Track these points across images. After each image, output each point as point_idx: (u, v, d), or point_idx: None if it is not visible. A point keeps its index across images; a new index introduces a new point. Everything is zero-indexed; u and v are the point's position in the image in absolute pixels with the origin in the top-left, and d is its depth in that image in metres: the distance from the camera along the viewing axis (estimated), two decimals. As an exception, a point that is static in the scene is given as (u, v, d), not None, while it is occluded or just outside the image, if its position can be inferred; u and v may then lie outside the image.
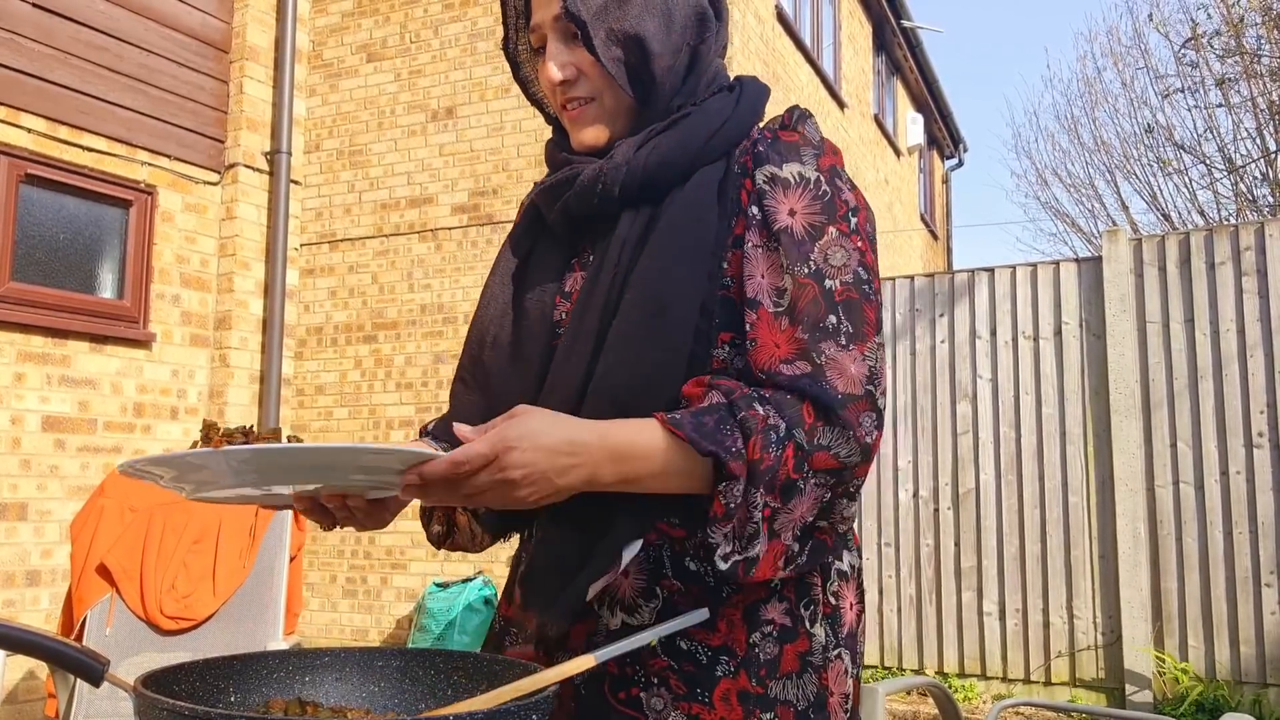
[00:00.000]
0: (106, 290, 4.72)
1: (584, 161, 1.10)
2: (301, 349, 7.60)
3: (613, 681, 1.01)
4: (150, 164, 4.84)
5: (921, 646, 5.60)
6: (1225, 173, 12.15)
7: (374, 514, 1.00)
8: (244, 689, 0.88)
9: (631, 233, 1.06)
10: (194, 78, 5.06)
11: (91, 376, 4.55)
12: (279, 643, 3.25)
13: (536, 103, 1.23)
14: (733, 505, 0.91)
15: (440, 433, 1.18)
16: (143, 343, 4.75)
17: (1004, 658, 5.40)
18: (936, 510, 5.61)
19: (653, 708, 0.99)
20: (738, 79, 1.15)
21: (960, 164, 15.97)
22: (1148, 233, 9.29)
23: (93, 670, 0.89)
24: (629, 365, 1.00)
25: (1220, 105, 11.36)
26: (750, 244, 1.03)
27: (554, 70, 1.10)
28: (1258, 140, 11.57)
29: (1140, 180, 13.50)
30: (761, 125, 1.12)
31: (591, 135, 1.11)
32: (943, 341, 5.70)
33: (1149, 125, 13.03)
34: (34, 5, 4.43)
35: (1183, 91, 11.91)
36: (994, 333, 5.59)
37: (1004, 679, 5.39)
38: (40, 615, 4.30)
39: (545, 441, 0.89)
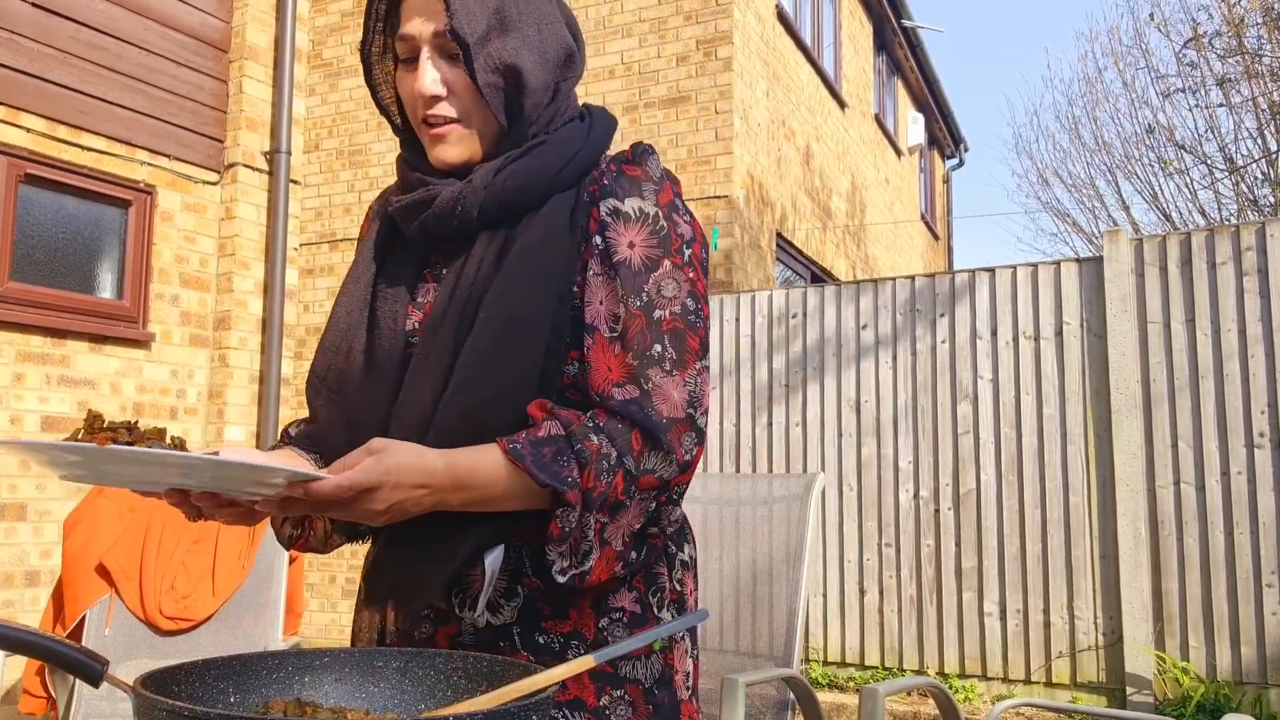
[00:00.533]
0: (106, 290, 4.72)
1: (440, 183, 1.14)
2: (301, 349, 7.60)
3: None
4: (150, 164, 4.83)
5: (922, 647, 5.59)
6: (1226, 173, 12.15)
7: (243, 515, 1.04)
8: (243, 689, 0.87)
9: (488, 253, 1.11)
10: (193, 77, 5.06)
11: (91, 376, 4.54)
12: (278, 643, 3.25)
13: (384, 110, 1.24)
14: (568, 529, 0.99)
15: (303, 439, 1.22)
16: (142, 343, 4.75)
17: (1005, 658, 5.40)
18: (937, 510, 5.61)
19: None
20: (587, 108, 1.22)
21: (961, 164, 15.97)
22: (1149, 233, 9.29)
23: (92, 670, 0.89)
24: (482, 380, 1.06)
25: (1221, 105, 11.36)
26: (592, 271, 1.11)
27: (429, 85, 1.11)
28: (1259, 140, 11.58)
29: (1141, 180, 13.50)
30: (609, 156, 1.19)
31: (453, 155, 1.14)
32: (943, 342, 5.70)
33: (1150, 125, 13.04)
34: (33, 5, 4.43)
35: (1184, 91, 11.91)
36: (994, 333, 5.58)
37: (1004, 679, 5.39)
38: (39, 615, 4.30)
39: (406, 479, 0.96)
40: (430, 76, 1.11)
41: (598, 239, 1.12)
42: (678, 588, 1.18)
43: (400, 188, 1.19)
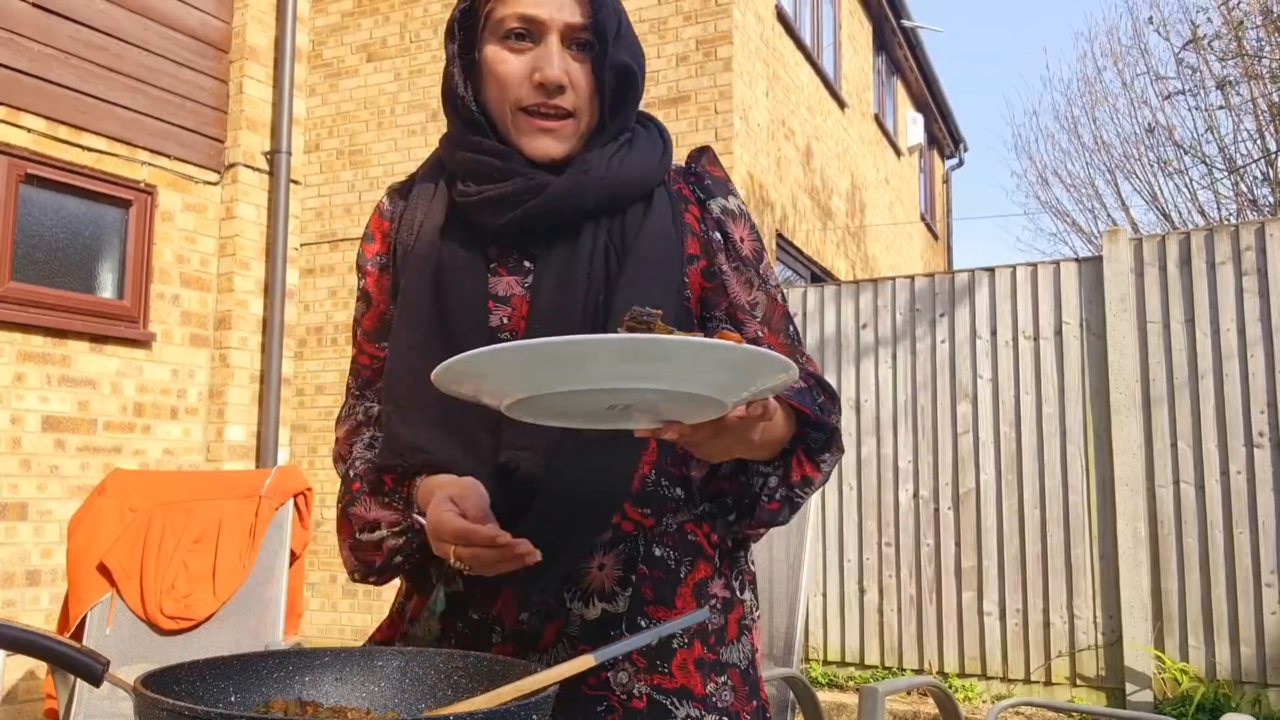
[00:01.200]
0: (106, 290, 4.72)
1: (538, 174, 1.11)
2: (301, 349, 7.60)
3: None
4: (150, 164, 4.83)
5: (921, 646, 5.60)
6: (1226, 173, 12.15)
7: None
8: (244, 689, 0.88)
9: (597, 244, 1.11)
10: (194, 77, 5.06)
11: (91, 376, 4.55)
12: (279, 643, 3.25)
13: (452, 87, 1.16)
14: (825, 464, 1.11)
15: (382, 459, 1.13)
16: (142, 342, 4.75)
17: (1004, 658, 5.40)
18: (937, 510, 5.61)
19: (619, 681, 1.07)
20: (643, 116, 1.23)
21: (960, 164, 15.97)
22: (1148, 232, 9.29)
23: (92, 670, 0.89)
24: None
25: (1221, 107, 11.36)
26: (723, 267, 1.17)
27: (559, 73, 1.09)
28: (1258, 141, 11.57)
29: (1140, 180, 13.50)
30: (685, 160, 1.24)
31: (559, 150, 1.12)
32: (943, 341, 5.70)
33: (1150, 125, 13.03)
34: (34, 5, 4.43)
35: (1183, 94, 11.91)
36: (994, 333, 5.59)
37: (1004, 679, 5.39)
38: (40, 615, 4.30)
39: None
40: (562, 65, 1.10)
41: (715, 234, 1.18)
42: (751, 568, 1.22)
43: (477, 176, 1.13)
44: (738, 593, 1.17)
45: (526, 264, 1.15)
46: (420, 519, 1.08)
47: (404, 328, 1.14)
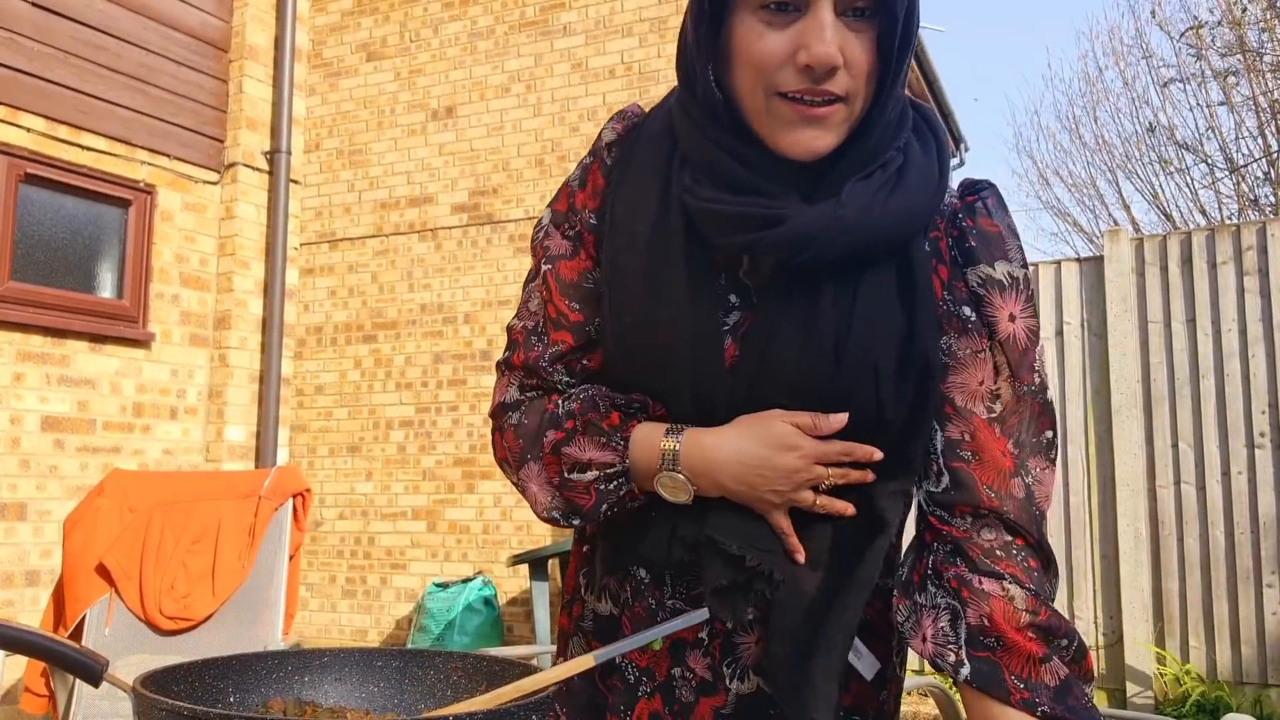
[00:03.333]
0: (106, 290, 4.71)
1: (787, 204, 0.90)
2: (301, 349, 7.60)
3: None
4: (149, 163, 4.83)
5: (922, 646, 5.59)
6: (1227, 172, 12.15)
7: None
8: (243, 689, 0.87)
9: (840, 307, 0.92)
10: (193, 77, 5.06)
11: (91, 376, 4.54)
12: (278, 643, 3.24)
13: (690, 73, 0.94)
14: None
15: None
16: (142, 342, 4.75)
17: (1005, 658, 5.40)
18: (937, 510, 5.61)
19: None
20: (916, 111, 0.98)
21: (961, 163, 15.97)
22: (1149, 232, 9.29)
23: (92, 670, 0.88)
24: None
25: (1222, 104, 11.36)
26: (968, 350, 0.95)
27: (831, 49, 0.85)
28: (1259, 140, 11.58)
29: (1142, 179, 13.50)
30: (952, 199, 0.98)
31: (826, 144, 0.89)
32: (943, 341, 5.70)
33: (1151, 124, 13.04)
34: (33, 4, 4.43)
35: (1181, 82, 11.89)
36: (995, 332, 5.58)
37: (1005, 679, 5.39)
38: (39, 615, 4.30)
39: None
40: (836, 39, 0.85)
41: (967, 309, 0.95)
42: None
43: (713, 177, 0.93)
44: (896, 668, 1.05)
45: (733, 298, 0.96)
46: (674, 441, 0.94)
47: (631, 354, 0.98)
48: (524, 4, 6.90)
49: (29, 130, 4.38)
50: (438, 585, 6.06)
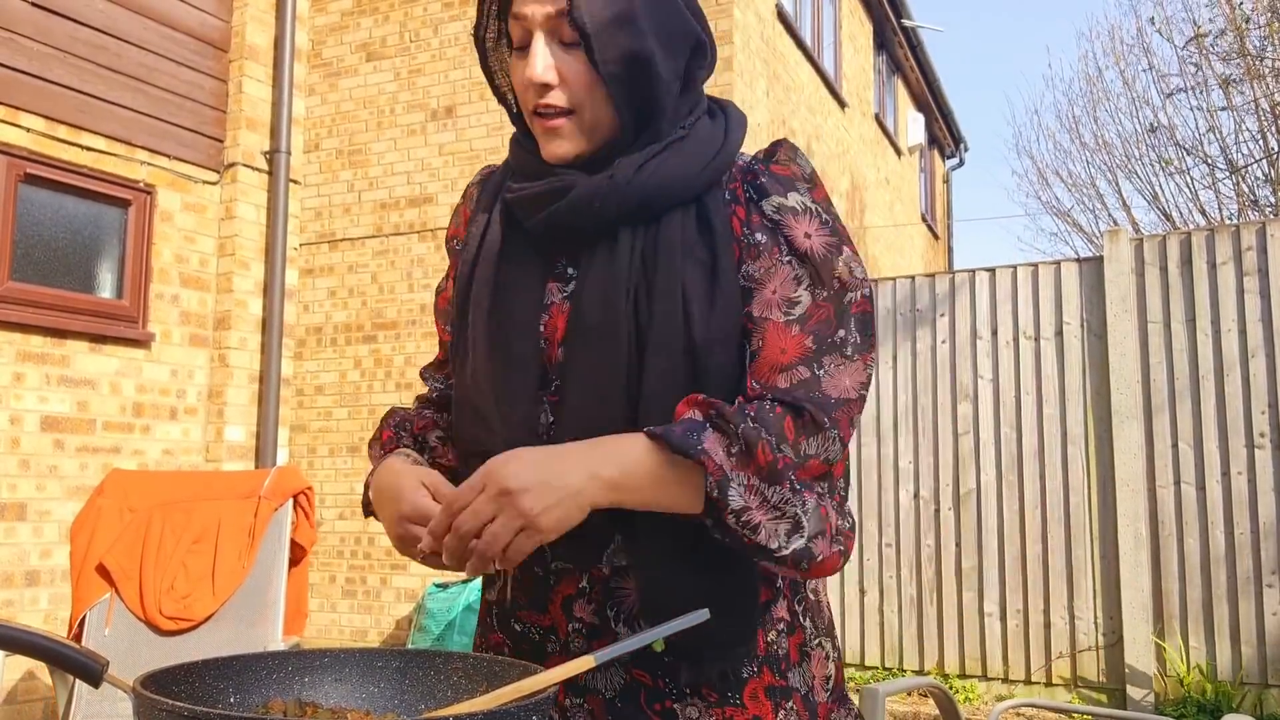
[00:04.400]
0: (105, 290, 4.71)
1: (572, 174, 1.08)
2: (301, 349, 7.60)
3: (648, 694, 1.05)
4: (149, 163, 4.83)
5: (922, 647, 5.59)
6: (1227, 173, 12.15)
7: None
8: (243, 689, 0.87)
9: (634, 256, 1.06)
10: (193, 77, 5.06)
11: (90, 376, 4.54)
12: (278, 643, 3.24)
13: (501, 98, 1.19)
14: (725, 501, 0.94)
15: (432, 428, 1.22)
16: (142, 342, 4.75)
17: (1005, 658, 5.40)
18: (937, 510, 5.61)
19: (689, 717, 1.04)
20: (716, 103, 1.17)
21: (961, 163, 15.97)
22: (1149, 232, 9.29)
23: (92, 670, 0.88)
24: (673, 401, 1.02)
25: (1224, 108, 11.37)
26: (763, 269, 1.07)
27: (540, 72, 1.05)
28: (1260, 141, 11.58)
29: (1142, 180, 13.51)
30: (750, 156, 1.15)
31: (565, 149, 1.08)
32: (943, 341, 5.69)
33: (1152, 125, 13.04)
34: (33, 4, 4.42)
35: (1185, 91, 11.91)
36: (995, 333, 5.58)
37: (1005, 680, 5.39)
38: (39, 615, 4.30)
39: (530, 455, 0.94)
40: (542, 63, 1.05)
41: (760, 235, 1.08)
42: (813, 596, 1.15)
43: (520, 174, 1.13)
44: (800, 618, 1.11)
45: (571, 270, 1.11)
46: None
47: (471, 338, 1.13)
48: (524, 4, 6.90)
49: (29, 130, 4.38)
50: (438, 585, 6.06)
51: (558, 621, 1.08)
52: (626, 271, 1.05)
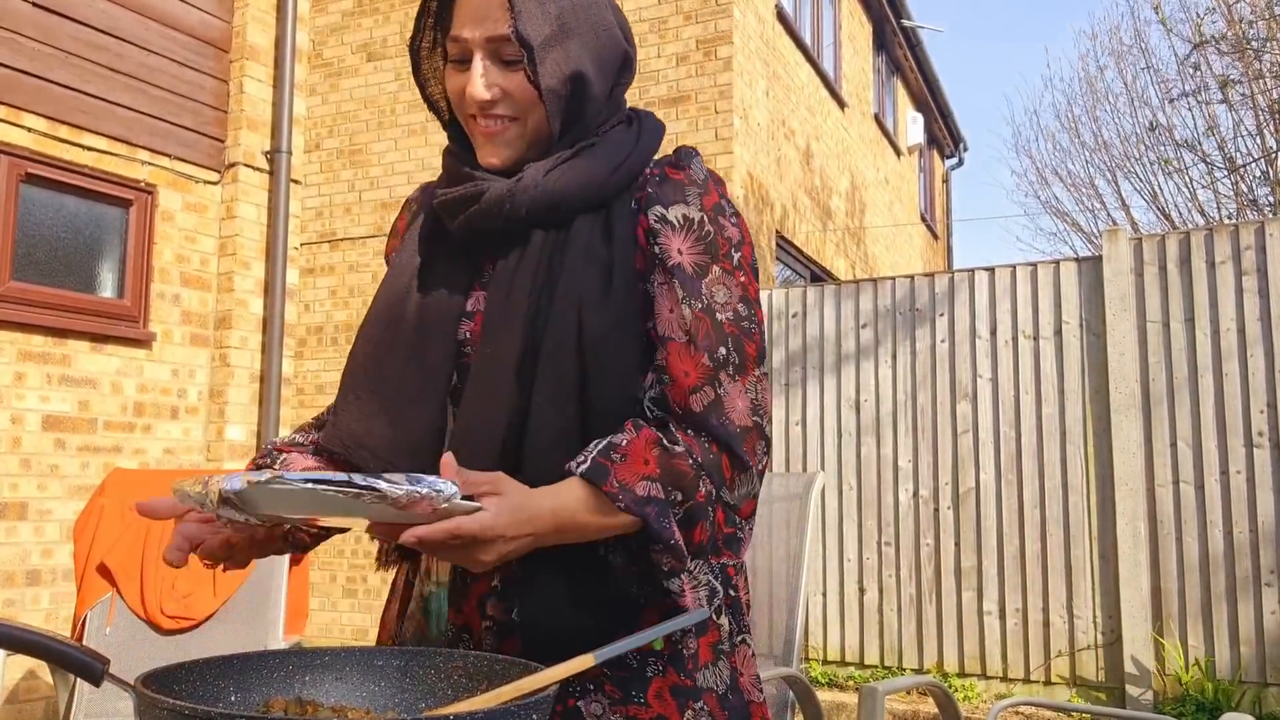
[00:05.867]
0: (106, 290, 4.72)
1: (489, 178, 1.12)
2: (302, 348, 7.60)
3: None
4: (150, 163, 4.84)
5: (921, 646, 5.60)
6: (1226, 172, 12.15)
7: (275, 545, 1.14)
8: (244, 689, 0.88)
9: (543, 258, 1.10)
10: (194, 77, 5.06)
11: (91, 376, 4.55)
12: (279, 642, 3.25)
13: (432, 106, 1.23)
14: (668, 568, 1.01)
15: (326, 441, 1.18)
16: (143, 342, 4.76)
17: (1004, 657, 5.40)
18: (936, 510, 5.61)
19: (592, 713, 1.05)
20: (634, 112, 1.20)
21: (960, 163, 15.97)
22: (1148, 232, 9.30)
23: (92, 670, 0.89)
24: (565, 404, 1.06)
25: (1221, 101, 11.36)
26: (656, 281, 1.11)
27: (481, 90, 1.10)
28: (1258, 139, 11.57)
29: (1140, 179, 13.51)
30: (655, 160, 1.18)
31: (504, 156, 1.13)
32: (942, 341, 5.70)
33: (1151, 124, 13.03)
34: (34, 4, 4.43)
35: (1186, 96, 11.91)
36: (994, 332, 5.59)
37: (1004, 678, 5.40)
38: (40, 615, 4.31)
39: (516, 532, 0.94)
40: (483, 82, 1.10)
41: (654, 247, 1.11)
42: (732, 593, 1.16)
43: (446, 181, 1.17)
44: (714, 616, 1.12)
45: (490, 274, 1.15)
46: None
47: (374, 324, 1.17)
48: (524, 4, 6.89)
49: (30, 130, 4.39)
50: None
51: (470, 620, 1.10)
52: (532, 271, 1.10)
